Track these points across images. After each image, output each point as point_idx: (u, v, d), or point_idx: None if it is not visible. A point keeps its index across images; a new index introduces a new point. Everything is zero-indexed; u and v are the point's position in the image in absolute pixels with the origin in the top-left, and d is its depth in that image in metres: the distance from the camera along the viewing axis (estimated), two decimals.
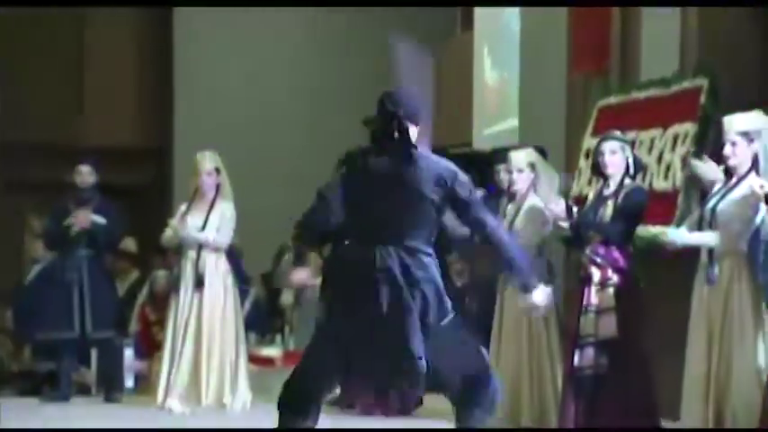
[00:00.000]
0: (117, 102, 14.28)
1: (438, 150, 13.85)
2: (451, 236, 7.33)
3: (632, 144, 7.93)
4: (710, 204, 6.38)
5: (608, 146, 6.97)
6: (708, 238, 6.31)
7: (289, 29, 13.84)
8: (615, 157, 6.93)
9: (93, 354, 9.83)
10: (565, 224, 7.09)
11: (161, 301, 10.19)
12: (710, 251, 6.30)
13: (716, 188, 6.46)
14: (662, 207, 7.81)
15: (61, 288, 9.19)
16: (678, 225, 6.86)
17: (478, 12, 12.37)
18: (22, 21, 13.84)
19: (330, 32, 13.85)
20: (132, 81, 14.45)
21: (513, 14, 11.19)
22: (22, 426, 8.04)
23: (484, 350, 5.51)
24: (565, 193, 8.21)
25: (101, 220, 9.16)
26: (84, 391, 9.78)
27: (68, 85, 14.18)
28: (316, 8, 13.61)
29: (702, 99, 7.96)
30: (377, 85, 12.54)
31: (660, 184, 8.15)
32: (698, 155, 7.29)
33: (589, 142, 8.58)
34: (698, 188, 7.21)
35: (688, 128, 8.03)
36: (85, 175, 9.25)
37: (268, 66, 13.65)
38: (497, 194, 8.64)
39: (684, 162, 7.81)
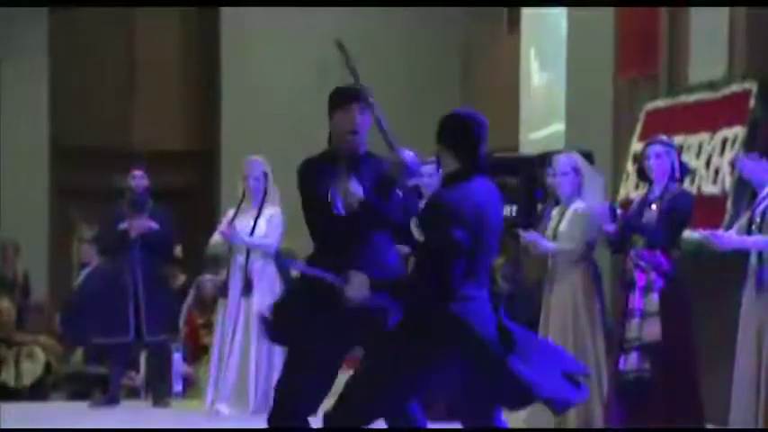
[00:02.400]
0: (165, 106, 14.34)
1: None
2: None
3: (680, 148, 7.96)
4: (760, 208, 6.40)
5: (653, 150, 7.06)
6: (757, 241, 6.32)
7: (338, 28, 13.82)
8: (660, 161, 7.01)
9: (142, 358, 9.94)
10: (610, 228, 7.17)
11: (208, 306, 10.31)
12: (760, 255, 6.32)
13: (765, 192, 6.47)
14: (711, 211, 7.82)
15: (114, 292, 9.29)
16: (727, 229, 6.86)
17: (525, 13, 12.38)
18: (72, 26, 13.96)
19: (378, 33, 13.81)
20: (180, 85, 14.53)
21: (560, 16, 11.19)
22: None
23: None
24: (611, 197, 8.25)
25: (155, 225, 9.26)
26: (132, 394, 9.89)
27: (118, 90, 14.24)
28: (367, 8, 13.63)
29: (752, 103, 7.96)
30: (428, 89, 12.47)
31: (709, 189, 8.16)
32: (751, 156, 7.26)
33: (636, 146, 8.60)
34: (747, 192, 7.20)
35: (737, 132, 8.04)
36: (139, 179, 9.35)
37: (315, 68, 13.57)
38: (544, 199, 8.67)
39: (733, 166, 7.81)
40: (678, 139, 8.16)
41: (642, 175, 7.15)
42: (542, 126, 11.87)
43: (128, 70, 14.29)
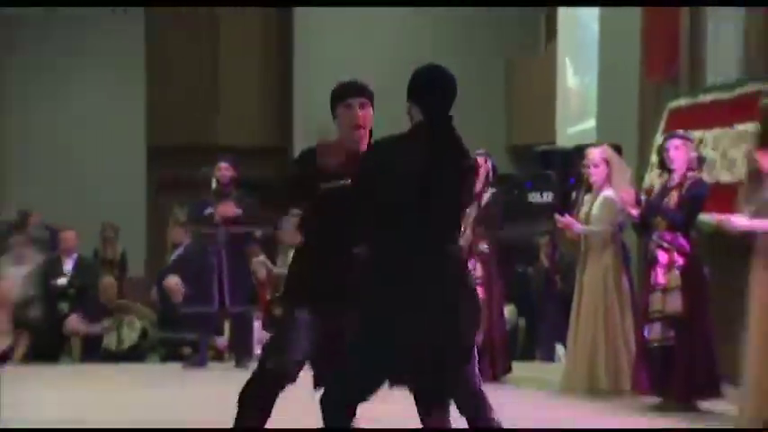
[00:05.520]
0: (245, 107, 14.37)
1: (525, 147, 13.88)
2: None
3: (699, 141, 7.92)
4: None
5: (672, 143, 7.08)
6: (765, 224, 6.27)
7: (405, 28, 13.60)
8: (679, 152, 7.01)
9: (226, 325, 10.03)
10: (634, 212, 7.17)
11: (273, 282, 10.41)
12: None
13: None
14: (726, 198, 7.77)
15: (201, 268, 9.38)
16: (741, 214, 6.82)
17: (561, 23, 12.37)
18: (164, 35, 13.99)
19: (432, 37, 13.61)
20: (257, 87, 14.50)
21: (592, 25, 11.18)
22: (169, 387, 8.24)
23: None
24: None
25: (239, 211, 9.26)
26: (217, 357, 9.98)
27: (205, 93, 14.27)
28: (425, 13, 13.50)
29: (763, 101, 7.91)
30: (475, 90, 12.35)
31: (725, 178, 8.11)
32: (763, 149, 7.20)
33: (659, 141, 8.58)
34: (759, 181, 7.15)
35: (750, 127, 7.99)
36: (224, 170, 9.40)
37: (382, 66, 12.68)
38: (577, 186, 8.66)
39: (747, 157, 7.75)
40: (697, 134, 8.11)
41: (663, 165, 7.15)
42: (576, 122, 11.87)
43: (213, 75, 14.31)
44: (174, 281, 10.31)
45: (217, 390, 7.95)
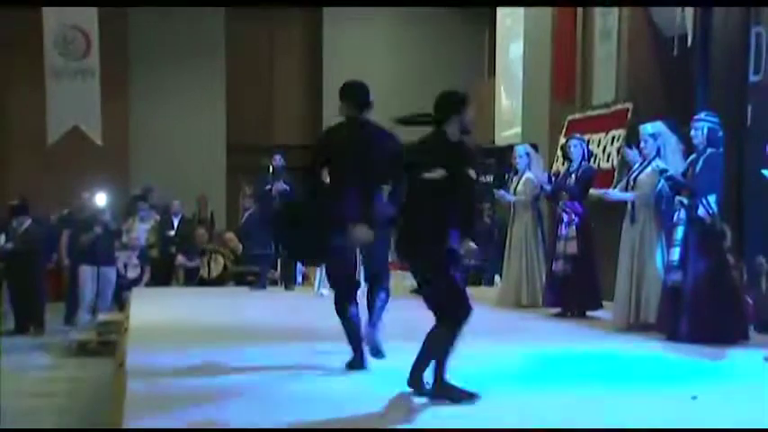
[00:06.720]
0: (291, 112, 14.00)
1: (475, 145, 13.80)
2: None
3: (588, 141, 7.95)
4: (632, 176, 6.38)
5: (572, 142, 7.12)
6: (631, 196, 6.31)
7: (398, 59, 13.26)
8: (576, 149, 7.04)
9: (279, 262, 10.04)
10: (547, 188, 7.20)
11: None
12: (632, 204, 6.31)
13: (635, 166, 6.46)
14: (605, 178, 7.82)
15: (263, 225, 9.33)
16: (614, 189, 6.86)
17: (498, 64, 12.36)
18: (240, 46, 13.21)
19: (424, 68, 12.91)
20: (297, 94, 13.86)
21: (518, 65, 11.16)
22: (241, 302, 8.22)
23: None
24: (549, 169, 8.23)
25: (287, 187, 9.27)
26: (273, 284, 10.01)
27: (264, 100, 13.94)
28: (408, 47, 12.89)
29: (629, 115, 7.93)
30: None
31: (604, 165, 8.15)
32: (629, 146, 7.24)
33: (562, 141, 8.59)
34: (626, 167, 7.20)
35: (620, 132, 8.02)
36: (277, 160, 9.28)
37: (383, 82, 11.81)
38: (510, 171, 8.66)
39: (618, 152, 7.79)
40: (587, 136, 8.14)
41: (565, 157, 7.19)
42: (508, 129, 11.85)
43: (269, 82, 13.93)
44: (229, 235, 10.33)
45: (271, 303, 8.05)
